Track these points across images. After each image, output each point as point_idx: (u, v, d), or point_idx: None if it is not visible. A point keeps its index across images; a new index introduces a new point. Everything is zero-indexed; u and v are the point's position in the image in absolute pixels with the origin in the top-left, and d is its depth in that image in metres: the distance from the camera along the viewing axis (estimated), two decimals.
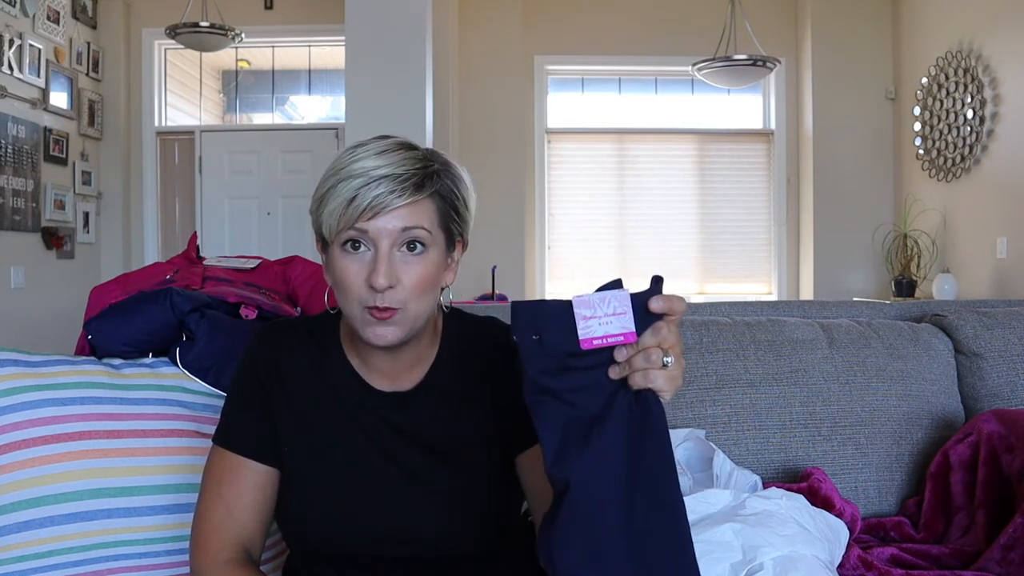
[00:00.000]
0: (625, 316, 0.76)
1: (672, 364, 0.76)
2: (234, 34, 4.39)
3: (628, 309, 0.76)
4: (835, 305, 1.90)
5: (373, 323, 0.92)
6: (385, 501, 0.99)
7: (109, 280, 1.48)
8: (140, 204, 5.35)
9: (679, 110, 5.75)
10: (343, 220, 0.91)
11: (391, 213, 0.91)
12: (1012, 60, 4.07)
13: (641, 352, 0.76)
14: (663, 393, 0.77)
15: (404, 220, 0.91)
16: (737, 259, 5.62)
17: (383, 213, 0.90)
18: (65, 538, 1.13)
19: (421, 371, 1.03)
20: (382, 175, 0.90)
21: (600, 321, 0.76)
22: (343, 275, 0.93)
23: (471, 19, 5.30)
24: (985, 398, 1.70)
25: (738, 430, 1.60)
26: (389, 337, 0.93)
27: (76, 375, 1.22)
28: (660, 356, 0.76)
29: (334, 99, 5.72)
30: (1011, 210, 4.10)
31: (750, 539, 1.16)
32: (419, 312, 0.95)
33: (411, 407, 1.02)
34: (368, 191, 0.90)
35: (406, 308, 0.93)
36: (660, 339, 0.76)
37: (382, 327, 0.93)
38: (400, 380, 1.03)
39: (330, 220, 0.93)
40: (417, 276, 0.93)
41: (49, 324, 4.40)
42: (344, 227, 0.92)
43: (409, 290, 0.93)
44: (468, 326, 1.07)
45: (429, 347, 1.04)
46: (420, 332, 0.99)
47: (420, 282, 0.93)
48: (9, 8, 4.19)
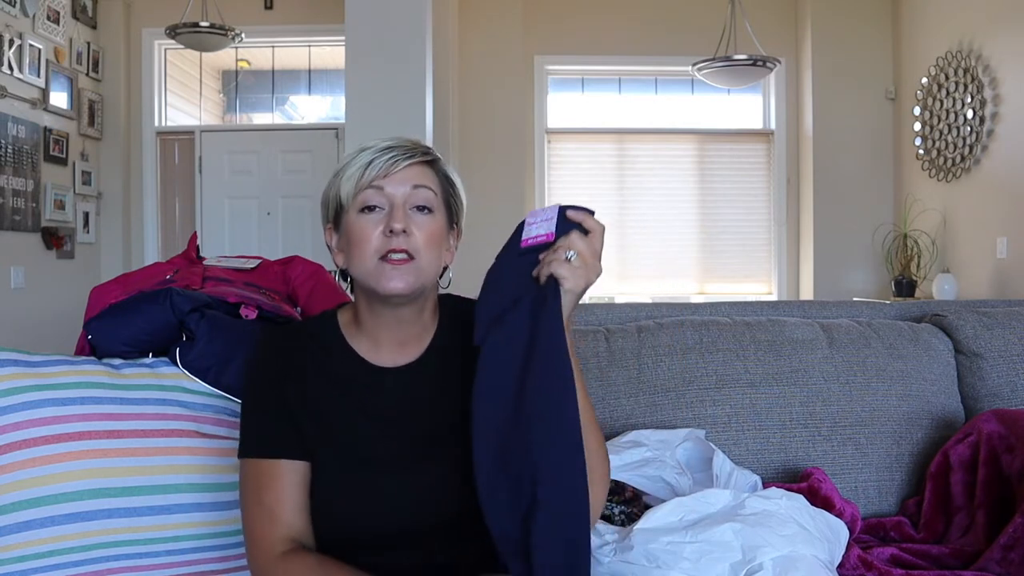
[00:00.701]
0: (551, 222, 0.98)
1: (575, 259, 0.95)
2: (234, 34, 4.39)
3: (554, 216, 0.98)
4: (835, 305, 1.90)
5: (388, 271, 1.03)
6: (401, 474, 1.05)
7: (109, 280, 1.48)
8: (140, 204, 5.35)
9: (679, 110, 5.75)
10: (360, 183, 1.04)
11: (403, 172, 1.05)
12: (1012, 60, 4.07)
13: (552, 249, 0.97)
14: (564, 280, 0.95)
15: (413, 179, 1.05)
16: (737, 259, 5.62)
17: (396, 172, 1.04)
18: (65, 538, 1.13)
19: (426, 340, 1.12)
20: (393, 145, 1.06)
21: (536, 227, 0.99)
22: (361, 232, 1.04)
23: (471, 19, 5.30)
24: (985, 398, 1.70)
25: (738, 430, 1.60)
26: (402, 285, 1.03)
27: (76, 375, 1.22)
28: (564, 252, 0.96)
29: (334, 99, 5.72)
30: (1011, 210, 4.10)
31: (750, 539, 1.16)
32: (428, 265, 1.05)
33: (418, 377, 1.10)
34: (382, 156, 1.04)
35: (418, 257, 1.04)
36: (569, 242, 0.96)
37: (397, 274, 1.03)
38: (407, 350, 1.11)
39: (348, 184, 1.05)
40: (427, 230, 1.05)
41: (49, 324, 4.40)
42: (362, 188, 1.04)
43: (420, 240, 1.04)
44: (462, 303, 1.18)
45: (431, 321, 1.14)
46: (426, 294, 1.10)
47: (429, 236, 1.05)
48: (9, 8, 4.19)
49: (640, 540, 1.18)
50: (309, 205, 5.30)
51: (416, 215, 1.05)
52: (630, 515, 1.42)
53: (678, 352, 1.66)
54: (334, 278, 1.64)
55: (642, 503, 1.44)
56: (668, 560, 1.15)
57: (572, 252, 0.95)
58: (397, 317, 1.09)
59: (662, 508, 1.22)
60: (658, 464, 1.42)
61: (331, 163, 5.25)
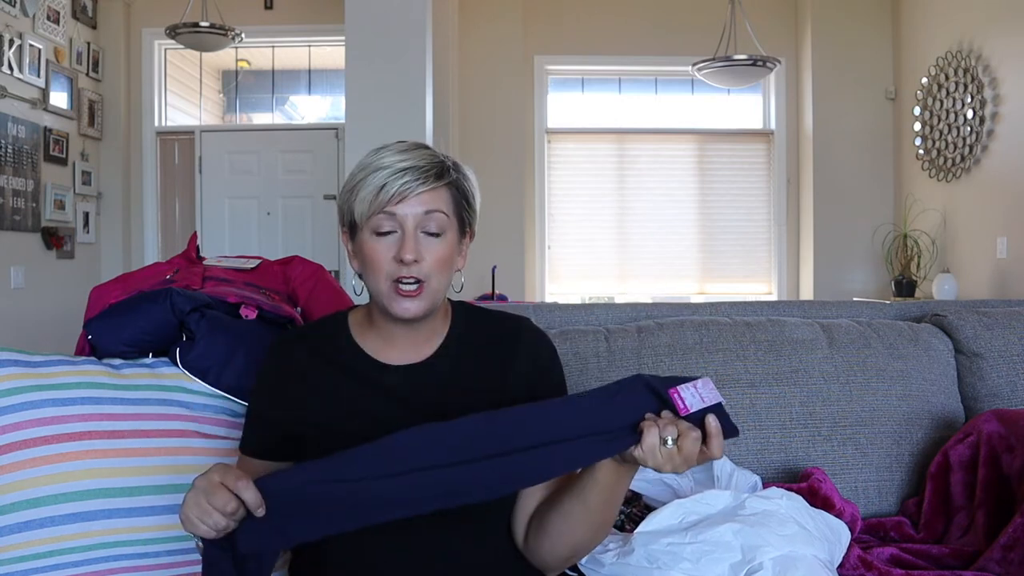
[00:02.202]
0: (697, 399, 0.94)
1: (670, 446, 0.91)
2: (234, 34, 4.39)
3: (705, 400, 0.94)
4: (835, 305, 1.90)
5: (400, 298, 1.05)
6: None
7: (109, 280, 1.48)
8: (140, 204, 5.35)
9: (679, 110, 5.75)
10: (374, 205, 1.04)
11: (415, 198, 1.04)
12: (1012, 60, 4.07)
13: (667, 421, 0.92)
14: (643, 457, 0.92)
15: (426, 204, 1.05)
16: (737, 259, 5.62)
17: (409, 198, 1.04)
18: (66, 538, 1.13)
19: (435, 343, 1.14)
20: (407, 167, 1.04)
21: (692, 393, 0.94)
22: (373, 255, 1.06)
23: (471, 19, 5.30)
24: (985, 398, 1.70)
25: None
26: (413, 310, 1.06)
27: (76, 375, 1.22)
28: (669, 432, 0.91)
29: (334, 99, 5.72)
30: (1011, 210, 4.10)
31: (750, 539, 1.16)
32: (439, 287, 1.07)
33: (425, 377, 1.12)
34: (396, 180, 1.03)
35: (429, 282, 1.06)
36: (681, 429, 0.91)
37: (408, 301, 1.05)
38: (418, 350, 1.13)
39: (361, 206, 1.05)
40: (437, 255, 1.06)
41: (49, 324, 4.40)
42: (375, 211, 1.04)
43: (431, 265, 1.05)
44: (476, 312, 1.20)
45: (442, 323, 1.15)
46: (437, 308, 1.11)
47: (439, 260, 1.06)
48: (9, 8, 4.19)
49: (641, 542, 1.18)
50: (309, 205, 5.30)
51: (426, 239, 1.06)
52: (629, 515, 1.42)
53: (678, 352, 1.66)
54: (334, 278, 1.64)
55: (642, 503, 1.44)
56: (668, 561, 1.15)
57: (671, 442, 0.91)
58: (410, 327, 1.11)
59: (663, 510, 1.22)
60: None
61: (331, 163, 5.25)
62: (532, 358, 1.15)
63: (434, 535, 1.06)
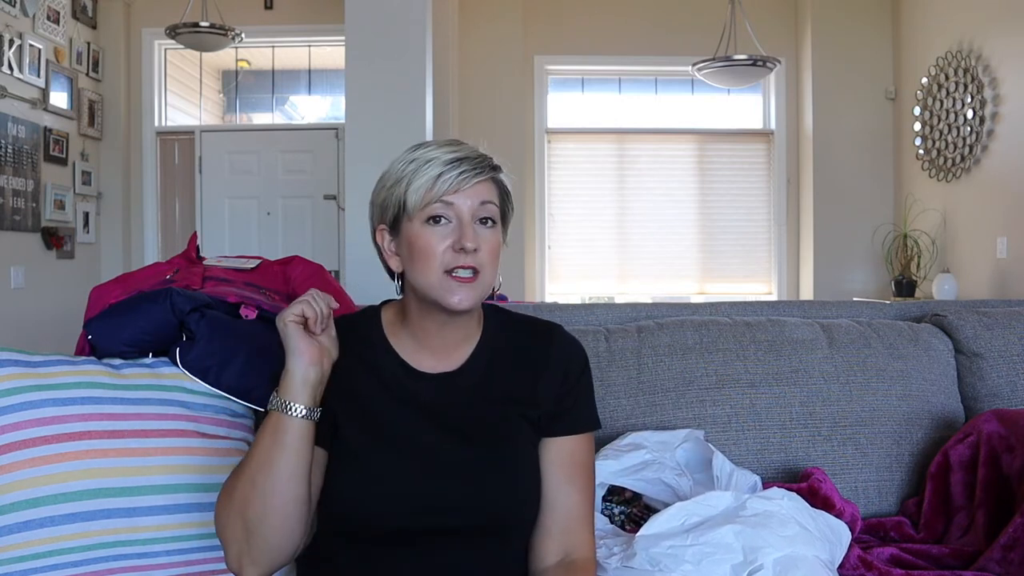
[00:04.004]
0: None
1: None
2: (234, 34, 4.39)
3: None
4: (835, 305, 1.90)
5: (455, 287, 1.04)
6: (434, 475, 1.06)
7: (109, 280, 1.48)
8: (140, 204, 5.36)
9: (679, 110, 5.75)
10: (429, 195, 1.04)
11: (471, 188, 1.06)
12: (1012, 60, 4.07)
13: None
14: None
15: (481, 195, 1.07)
16: (737, 259, 5.62)
17: (465, 188, 1.05)
18: (65, 538, 1.13)
19: (467, 350, 1.14)
20: (460, 157, 1.06)
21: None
22: (426, 244, 1.04)
23: (471, 19, 5.30)
24: (985, 398, 1.70)
25: (738, 430, 1.59)
26: (468, 300, 1.05)
27: (76, 375, 1.22)
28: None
29: (334, 99, 5.72)
30: (1011, 210, 4.10)
31: (750, 540, 1.16)
32: (490, 280, 1.08)
33: (457, 387, 1.11)
34: (452, 170, 1.04)
35: (483, 272, 1.06)
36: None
37: (463, 291, 1.04)
38: (449, 358, 1.13)
39: (415, 196, 1.05)
40: (490, 244, 1.07)
41: (49, 324, 4.40)
42: (430, 201, 1.04)
43: (486, 255, 1.06)
44: (508, 317, 1.20)
45: (476, 327, 1.15)
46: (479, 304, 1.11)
47: (491, 250, 1.07)
48: (9, 8, 4.19)
49: (643, 546, 1.18)
50: (309, 205, 5.30)
51: (481, 229, 1.06)
52: (630, 515, 1.42)
53: (678, 352, 1.66)
54: (334, 278, 1.64)
55: (642, 503, 1.44)
56: (670, 564, 1.15)
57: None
58: (449, 323, 1.10)
59: (664, 513, 1.22)
60: (657, 466, 1.42)
61: (331, 163, 5.25)
62: (563, 367, 1.15)
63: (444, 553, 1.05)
